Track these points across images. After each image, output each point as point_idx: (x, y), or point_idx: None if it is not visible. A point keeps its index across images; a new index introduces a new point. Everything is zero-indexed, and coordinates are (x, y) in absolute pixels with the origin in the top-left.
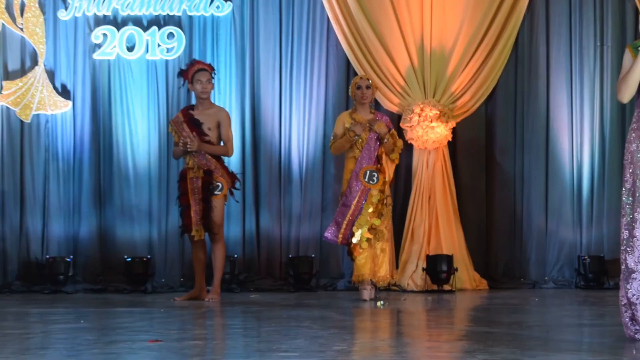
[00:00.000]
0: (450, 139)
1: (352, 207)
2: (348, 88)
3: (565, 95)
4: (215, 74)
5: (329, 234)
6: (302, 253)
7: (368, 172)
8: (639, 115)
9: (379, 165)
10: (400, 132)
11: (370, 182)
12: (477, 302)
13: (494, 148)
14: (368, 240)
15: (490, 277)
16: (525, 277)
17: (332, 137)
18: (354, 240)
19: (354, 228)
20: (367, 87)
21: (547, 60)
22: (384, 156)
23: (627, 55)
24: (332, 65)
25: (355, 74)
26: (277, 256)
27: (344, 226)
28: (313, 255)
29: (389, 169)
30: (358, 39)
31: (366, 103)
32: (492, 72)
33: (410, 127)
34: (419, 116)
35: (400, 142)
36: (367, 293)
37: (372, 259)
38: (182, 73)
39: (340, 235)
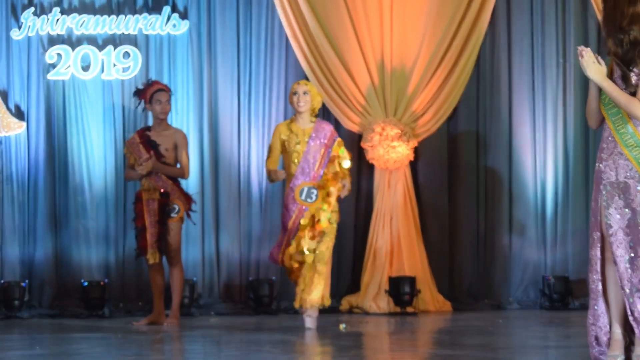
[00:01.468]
0: (412, 159)
1: (289, 227)
2: None
3: (527, 113)
4: (172, 94)
5: (273, 256)
6: (263, 276)
7: (306, 189)
8: (606, 136)
9: (323, 181)
10: (361, 152)
11: (308, 199)
12: (440, 324)
13: (457, 167)
14: (301, 263)
15: (454, 299)
16: (489, 298)
17: (268, 151)
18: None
19: (287, 250)
20: (305, 93)
21: (509, 77)
22: (336, 165)
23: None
24: (290, 84)
25: None
26: (237, 279)
27: (283, 247)
28: (274, 278)
29: (339, 182)
30: (317, 58)
31: (304, 111)
32: (454, 90)
33: (371, 146)
34: (380, 135)
35: (345, 170)
36: (312, 321)
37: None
38: (138, 93)
39: (281, 256)
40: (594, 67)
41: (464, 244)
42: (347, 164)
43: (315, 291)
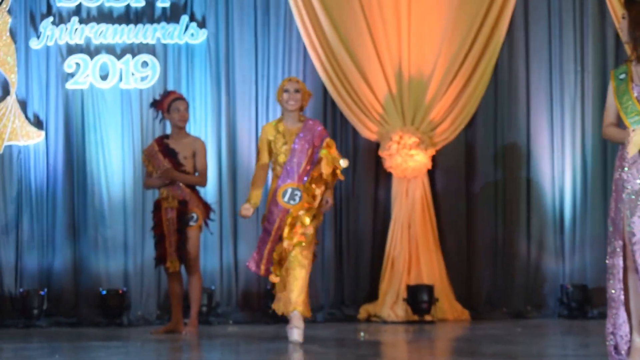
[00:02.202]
0: (430, 167)
1: (273, 233)
2: (325, 115)
3: (545, 121)
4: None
5: (251, 264)
6: None
7: (289, 190)
8: (623, 145)
9: (307, 183)
10: (378, 160)
11: (291, 201)
12: (459, 332)
13: (475, 175)
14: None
15: (472, 307)
16: (507, 307)
17: (256, 155)
18: (274, 278)
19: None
20: (296, 91)
21: (527, 85)
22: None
23: (610, 91)
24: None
25: (333, 102)
26: (255, 287)
27: (265, 255)
28: None
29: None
30: (335, 66)
31: (294, 110)
32: (472, 98)
33: (389, 155)
34: (398, 144)
35: (335, 163)
36: (298, 332)
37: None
38: (155, 104)
39: (262, 266)
40: None
41: (482, 252)
42: (343, 163)
43: (294, 293)
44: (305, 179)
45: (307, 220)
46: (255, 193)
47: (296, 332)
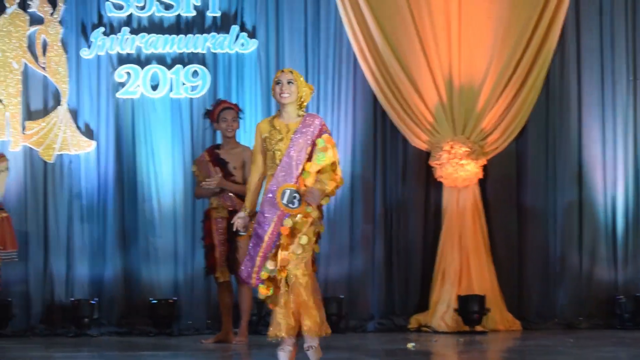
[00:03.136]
0: (481, 177)
1: (266, 238)
2: (376, 125)
3: (598, 131)
4: (242, 114)
5: (244, 271)
6: (331, 294)
7: (288, 191)
8: None
9: (307, 191)
10: (429, 170)
11: (290, 205)
12: (510, 343)
13: (526, 185)
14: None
15: (523, 318)
16: (559, 318)
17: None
18: (262, 290)
19: (268, 263)
20: (289, 82)
21: (579, 94)
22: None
23: None
24: (359, 102)
25: (383, 111)
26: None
27: (257, 262)
28: (342, 296)
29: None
30: (385, 76)
31: (288, 103)
32: (523, 107)
33: (440, 164)
34: (449, 154)
35: (331, 184)
36: (285, 355)
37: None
38: (207, 113)
39: (254, 275)
40: None
41: (533, 263)
42: (322, 157)
43: (307, 318)
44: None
45: (305, 239)
46: (249, 200)
47: (282, 355)
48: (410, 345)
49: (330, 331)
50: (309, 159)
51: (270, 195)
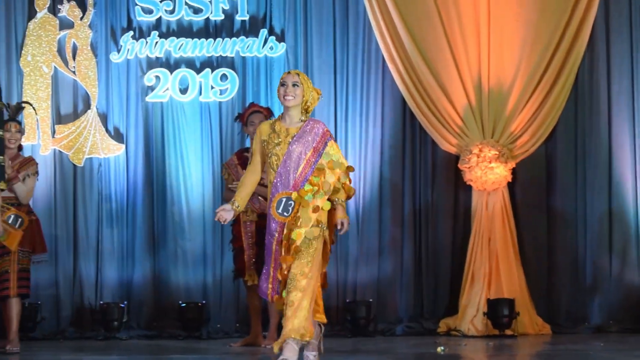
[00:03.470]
0: (510, 180)
1: (273, 249)
2: (405, 128)
3: (627, 133)
4: (273, 116)
5: (261, 289)
6: (359, 297)
7: (283, 200)
8: None
9: (306, 188)
10: (458, 173)
11: (285, 213)
12: (539, 347)
13: (555, 188)
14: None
15: (553, 322)
16: (589, 322)
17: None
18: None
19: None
20: (294, 85)
21: (609, 97)
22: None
23: None
24: (388, 106)
25: (412, 114)
26: (334, 301)
27: (270, 273)
28: (370, 300)
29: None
30: (414, 79)
31: (292, 106)
32: (552, 110)
33: (469, 168)
34: (478, 157)
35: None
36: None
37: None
38: (238, 117)
39: (270, 286)
40: None
41: (563, 266)
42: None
43: (288, 320)
44: (302, 186)
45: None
46: (240, 195)
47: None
48: (439, 349)
49: (312, 334)
50: (308, 166)
51: (270, 204)
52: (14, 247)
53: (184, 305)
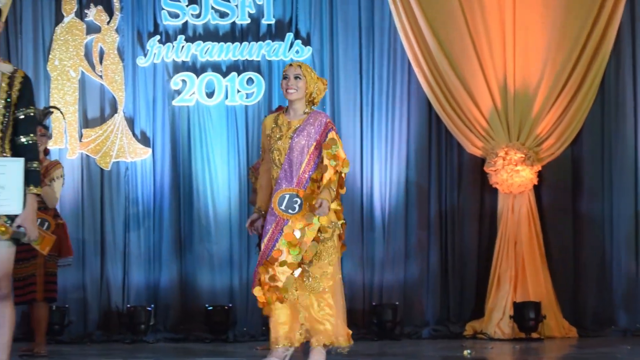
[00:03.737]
0: (536, 183)
1: (263, 245)
2: (430, 131)
3: None
4: None
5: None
6: (386, 300)
7: (287, 196)
8: None
9: (312, 187)
10: (484, 176)
11: (290, 210)
12: (566, 350)
13: (581, 191)
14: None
15: (579, 325)
16: (615, 325)
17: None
18: (255, 292)
19: (261, 268)
20: (296, 77)
21: (635, 100)
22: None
23: None
24: (413, 108)
25: (438, 117)
26: (360, 304)
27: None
28: (397, 303)
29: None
30: (439, 82)
31: (295, 99)
32: (578, 113)
33: (495, 171)
34: (504, 160)
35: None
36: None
37: (294, 317)
38: None
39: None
40: None
41: (589, 269)
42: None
43: (327, 324)
44: (307, 182)
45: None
46: (260, 199)
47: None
48: (466, 352)
49: (351, 342)
50: (312, 160)
51: (272, 200)
52: (46, 251)
53: (210, 308)
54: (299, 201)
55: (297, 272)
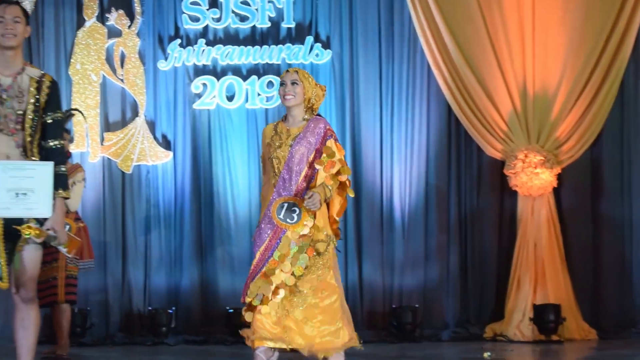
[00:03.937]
0: (556, 185)
1: (258, 255)
2: (450, 134)
3: None
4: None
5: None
6: (406, 303)
7: (285, 205)
8: None
9: (306, 197)
10: (504, 178)
11: (288, 220)
12: (586, 353)
13: (601, 194)
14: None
15: (599, 327)
16: (635, 327)
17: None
18: (247, 318)
19: (252, 284)
20: (294, 83)
21: None
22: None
23: None
24: (433, 111)
25: (457, 120)
26: (380, 306)
27: (247, 282)
28: (417, 305)
29: (335, 201)
30: (459, 84)
31: (292, 106)
32: (598, 116)
33: (514, 173)
34: (523, 162)
35: (342, 177)
36: None
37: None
38: None
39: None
40: None
41: (609, 271)
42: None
43: (342, 332)
44: (305, 191)
45: (293, 266)
46: (263, 210)
47: None
48: (486, 354)
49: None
50: (312, 169)
51: (269, 208)
52: (72, 253)
53: (231, 310)
54: (297, 210)
55: (281, 293)
